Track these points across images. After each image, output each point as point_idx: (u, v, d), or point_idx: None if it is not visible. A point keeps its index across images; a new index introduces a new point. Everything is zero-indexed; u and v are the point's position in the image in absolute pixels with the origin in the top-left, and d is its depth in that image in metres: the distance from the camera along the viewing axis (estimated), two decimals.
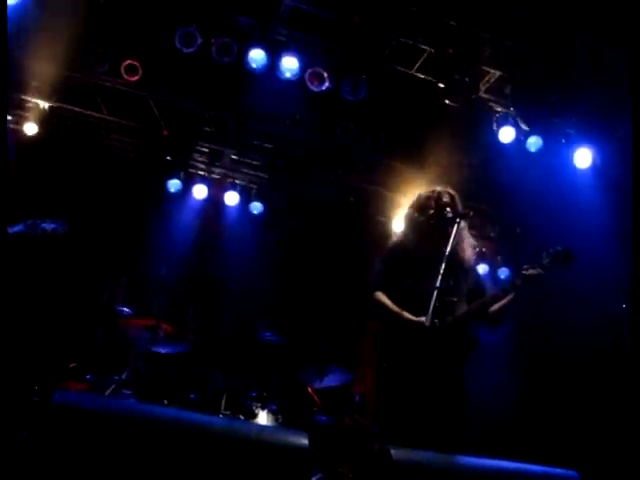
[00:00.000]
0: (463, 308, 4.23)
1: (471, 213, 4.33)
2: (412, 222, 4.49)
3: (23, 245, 4.86)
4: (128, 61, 7.36)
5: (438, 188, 4.55)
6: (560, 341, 8.22)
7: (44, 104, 7.83)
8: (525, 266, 4.14)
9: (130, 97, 8.05)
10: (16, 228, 4.78)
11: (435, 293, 3.80)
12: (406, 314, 4.13)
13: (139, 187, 8.56)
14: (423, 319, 3.81)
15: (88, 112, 8.12)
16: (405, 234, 4.53)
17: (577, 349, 8.01)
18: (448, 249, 4.00)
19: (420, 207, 4.49)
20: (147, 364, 6.43)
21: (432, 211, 4.38)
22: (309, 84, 7.32)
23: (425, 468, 2.57)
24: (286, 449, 2.44)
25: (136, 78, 7.51)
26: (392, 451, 2.57)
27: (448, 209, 4.34)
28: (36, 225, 4.85)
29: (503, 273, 9.14)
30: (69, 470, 2.10)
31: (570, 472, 2.91)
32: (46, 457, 2.09)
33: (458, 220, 4.20)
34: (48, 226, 4.87)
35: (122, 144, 8.53)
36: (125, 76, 7.47)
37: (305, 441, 2.52)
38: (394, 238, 4.64)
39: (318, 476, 5.30)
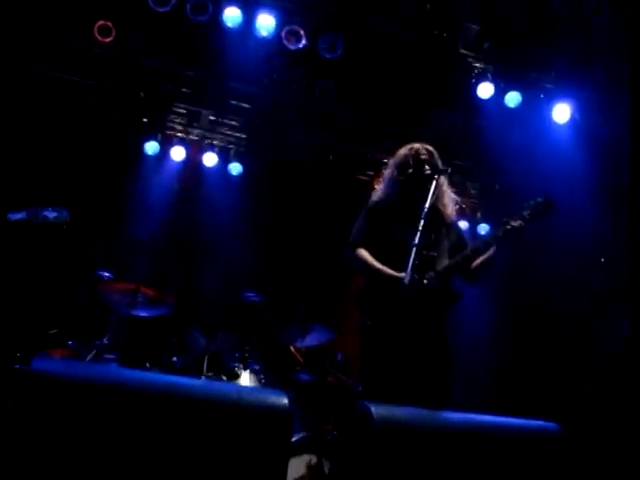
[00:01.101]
0: (444, 263, 4.23)
1: (450, 169, 4.33)
2: (392, 180, 4.49)
3: (23, 232, 4.84)
4: (101, 22, 7.23)
5: (416, 145, 4.54)
6: (542, 293, 8.28)
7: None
8: (506, 218, 4.15)
9: (104, 59, 7.91)
10: (18, 216, 4.73)
11: (414, 250, 3.80)
12: (387, 270, 4.13)
13: (116, 150, 8.46)
14: (403, 275, 3.82)
15: (62, 75, 7.98)
16: (385, 192, 4.51)
17: (559, 301, 8.07)
18: (427, 205, 4.01)
19: (399, 165, 4.48)
20: (129, 328, 6.42)
21: (411, 169, 4.38)
22: (286, 42, 7.24)
23: (406, 423, 2.58)
24: (266, 409, 2.44)
25: (109, 39, 7.39)
26: (373, 408, 2.57)
27: (427, 166, 4.34)
28: (38, 213, 4.80)
29: (483, 229, 9.16)
30: (49, 441, 2.09)
31: (550, 424, 2.94)
32: (26, 427, 2.07)
33: (437, 176, 4.20)
34: (50, 214, 4.82)
35: (97, 107, 8.39)
36: (98, 37, 7.35)
37: (285, 401, 2.53)
38: (374, 196, 4.61)
39: (301, 434, 5.34)
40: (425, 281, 4.06)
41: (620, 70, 7.40)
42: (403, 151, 4.55)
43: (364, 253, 4.30)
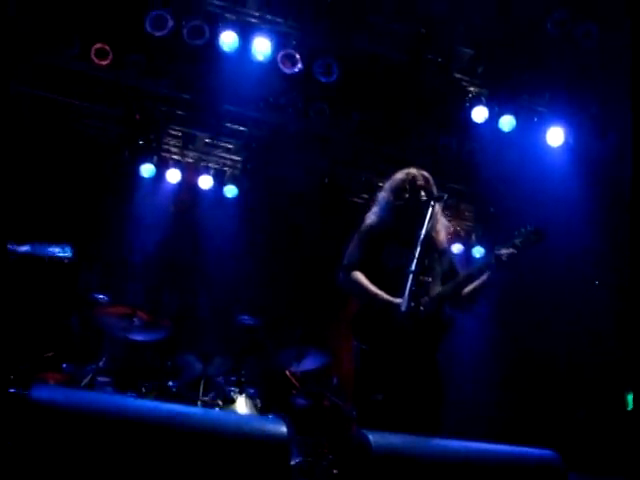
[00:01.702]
0: (437, 288, 4.25)
1: (445, 196, 4.35)
2: (388, 205, 4.48)
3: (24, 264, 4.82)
4: (98, 45, 7.27)
5: (413, 171, 4.55)
6: (537, 320, 8.29)
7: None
8: (497, 246, 4.17)
9: (101, 81, 7.95)
10: (22, 249, 4.71)
11: (411, 277, 3.81)
12: (384, 295, 4.12)
13: (112, 172, 8.46)
14: (400, 301, 3.82)
15: (58, 97, 8.01)
16: (380, 216, 4.51)
17: (554, 328, 8.09)
18: (423, 232, 4.02)
19: (395, 189, 4.48)
20: (124, 352, 6.40)
21: (407, 195, 4.39)
22: (281, 66, 7.29)
23: (403, 451, 2.59)
24: (264, 438, 2.44)
25: (106, 62, 7.43)
26: (370, 435, 2.58)
27: (423, 192, 4.35)
28: (43, 248, 4.78)
29: (478, 252, 9.18)
30: (47, 469, 2.09)
31: (547, 452, 2.94)
32: (25, 456, 2.07)
33: (433, 203, 4.21)
34: (55, 250, 4.80)
35: (93, 129, 8.42)
36: (95, 60, 7.39)
37: (284, 429, 2.53)
38: (368, 219, 4.61)
39: (298, 459, 5.33)
40: (422, 307, 4.06)
41: (612, 93, 7.48)
42: (400, 176, 4.55)
43: (360, 276, 4.29)
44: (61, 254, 4.73)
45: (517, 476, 2.73)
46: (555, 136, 8.02)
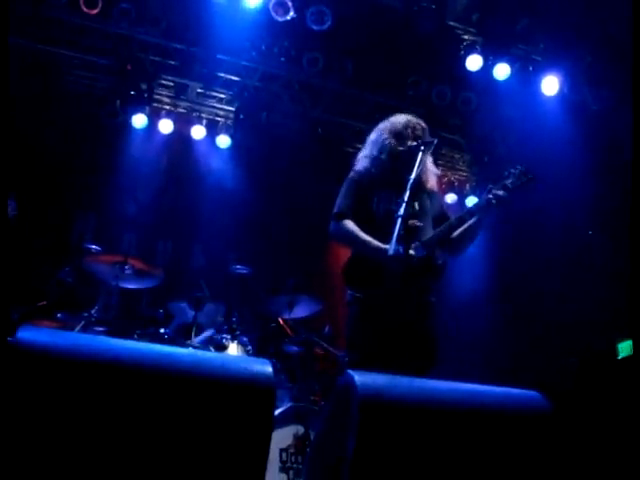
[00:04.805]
0: (429, 232, 4.24)
1: (435, 141, 4.31)
2: (390, 149, 4.41)
3: None
4: None
5: (413, 119, 4.49)
6: (532, 267, 8.33)
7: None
8: (489, 187, 4.16)
9: (91, 31, 7.85)
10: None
11: (399, 221, 3.80)
12: (373, 242, 4.11)
13: (104, 123, 8.40)
14: (388, 247, 3.82)
15: (47, 47, 7.91)
16: (381, 159, 4.44)
17: (548, 276, 8.13)
18: (413, 176, 4.00)
19: (398, 135, 4.42)
20: (117, 300, 6.43)
21: (409, 141, 4.34)
22: (274, 14, 7.20)
23: (387, 391, 2.60)
24: (250, 378, 2.46)
25: (95, 11, 7.34)
26: (356, 376, 2.59)
27: (420, 141, 4.32)
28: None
29: (472, 202, 9.18)
30: (39, 412, 2.11)
31: (532, 392, 2.96)
32: (10, 403, 2.08)
33: (423, 148, 4.19)
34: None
35: (84, 79, 8.35)
36: (84, 9, 7.29)
37: (269, 369, 2.54)
38: (359, 165, 4.57)
39: (289, 405, 5.38)
40: (412, 251, 4.06)
41: (609, 43, 7.41)
42: (401, 120, 4.47)
43: (350, 224, 4.27)
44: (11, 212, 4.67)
45: (501, 415, 2.76)
46: (550, 85, 7.98)
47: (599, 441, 6.16)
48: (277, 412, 5.16)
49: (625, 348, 7.18)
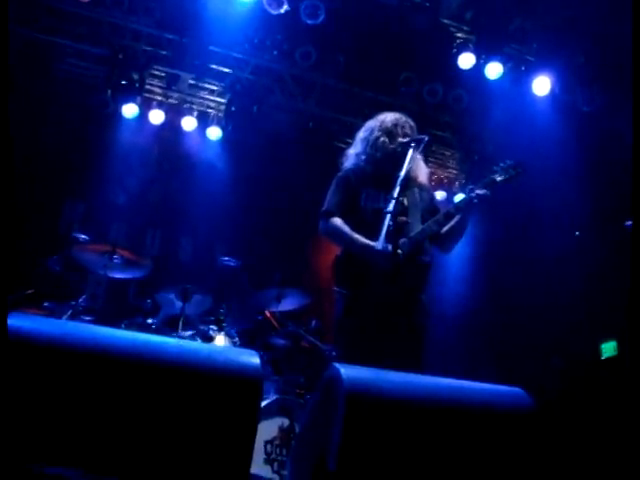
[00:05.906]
0: (417, 228, 4.25)
1: (426, 138, 4.32)
2: (381, 146, 4.42)
3: None
4: None
5: (403, 118, 4.52)
6: (518, 268, 8.37)
7: None
8: (478, 182, 4.19)
9: (83, 19, 7.81)
10: None
11: (387, 217, 3.81)
12: (361, 239, 4.13)
13: (95, 113, 8.37)
14: (376, 244, 3.83)
15: (39, 35, 7.86)
16: (372, 157, 4.45)
17: (535, 277, 8.17)
18: (402, 173, 4.02)
19: (389, 132, 4.44)
20: (105, 290, 6.42)
21: (400, 139, 4.36)
22: (267, 7, 7.19)
23: (372, 384, 2.62)
24: (237, 368, 2.46)
25: None
26: (342, 369, 2.60)
27: (411, 138, 4.34)
28: None
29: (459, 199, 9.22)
30: (23, 399, 2.11)
31: (515, 389, 2.98)
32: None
33: (413, 145, 4.20)
34: None
35: (76, 68, 8.31)
36: None
37: (257, 360, 2.55)
38: (348, 162, 4.58)
39: (274, 397, 5.40)
40: (399, 250, 4.06)
41: (601, 44, 7.44)
42: (390, 119, 4.49)
43: (338, 222, 4.29)
44: None
45: (485, 410, 2.78)
46: (541, 85, 8.01)
47: (582, 438, 6.22)
48: (263, 404, 5.17)
49: (608, 349, 7.24)
